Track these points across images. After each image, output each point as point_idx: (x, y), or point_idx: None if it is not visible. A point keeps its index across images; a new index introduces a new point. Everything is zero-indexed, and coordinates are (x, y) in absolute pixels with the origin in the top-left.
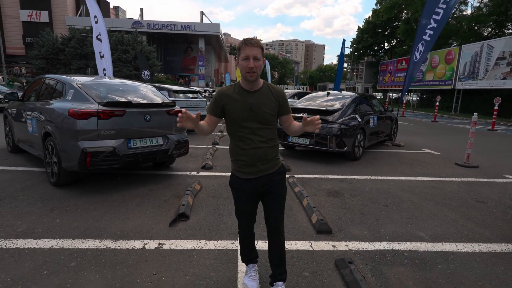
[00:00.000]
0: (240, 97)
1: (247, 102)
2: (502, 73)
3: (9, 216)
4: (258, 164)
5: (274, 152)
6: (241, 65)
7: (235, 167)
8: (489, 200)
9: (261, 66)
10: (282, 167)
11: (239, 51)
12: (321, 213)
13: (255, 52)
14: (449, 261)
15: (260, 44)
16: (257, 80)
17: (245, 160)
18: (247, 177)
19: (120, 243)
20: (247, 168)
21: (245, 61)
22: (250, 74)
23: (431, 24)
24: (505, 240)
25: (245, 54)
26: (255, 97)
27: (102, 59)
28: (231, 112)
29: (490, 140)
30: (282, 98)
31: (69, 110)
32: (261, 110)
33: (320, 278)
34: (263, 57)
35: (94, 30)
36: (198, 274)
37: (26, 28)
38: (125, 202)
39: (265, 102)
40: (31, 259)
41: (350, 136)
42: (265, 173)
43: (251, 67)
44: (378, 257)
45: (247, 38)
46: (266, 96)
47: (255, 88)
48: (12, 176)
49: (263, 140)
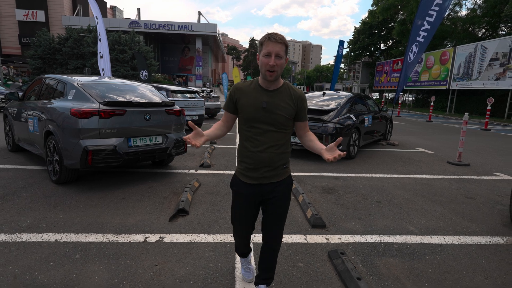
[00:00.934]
0: (255, 94)
1: (261, 100)
2: (496, 73)
3: (13, 212)
4: (263, 170)
5: (282, 160)
6: (261, 62)
7: (239, 169)
8: (477, 196)
9: (283, 65)
10: (290, 178)
11: (261, 46)
12: (316, 209)
13: (278, 48)
14: (436, 252)
15: (285, 41)
16: (277, 80)
17: (250, 163)
18: (249, 181)
19: (122, 237)
20: (250, 172)
21: (267, 57)
22: (270, 73)
23: (424, 26)
24: (490, 233)
25: (267, 50)
26: (270, 96)
27: (101, 59)
28: (242, 108)
29: (482, 139)
30: (301, 103)
31: (71, 109)
32: (274, 111)
33: (314, 268)
34: (286, 55)
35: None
36: (197, 265)
37: (22, 28)
38: (125, 198)
39: (280, 104)
40: (37, 251)
41: (345, 135)
42: (269, 181)
43: (272, 65)
44: (369, 249)
45: (271, 33)
46: (283, 97)
47: (273, 87)
48: (14, 174)
49: (271, 145)
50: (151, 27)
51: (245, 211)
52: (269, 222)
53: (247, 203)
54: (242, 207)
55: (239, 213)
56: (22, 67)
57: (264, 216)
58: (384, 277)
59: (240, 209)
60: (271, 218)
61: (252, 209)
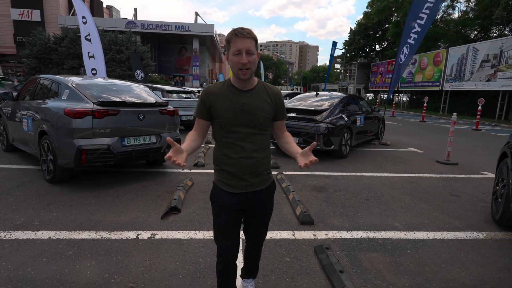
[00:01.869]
0: (230, 96)
1: (239, 102)
2: (487, 75)
3: (7, 210)
4: (247, 177)
5: (265, 164)
6: (232, 61)
7: (219, 177)
8: (463, 194)
9: (256, 61)
10: (273, 183)
11: (229, 44)
12: (305, 206)
13: (248, 44)
14: (418, 247)
15: (253, 35)
16: (251, 78)
17: (233, 172)
18: (232, 190)
19: (115, 234)
20: (234, 181)
21: (237, 56)
22: (244, 72)
23: (415, 28)
24: (471, 229)
25: (236, 48)
26: (248, 97)
27: (91, 59)
28: (219, 113)
29: (472, 139)
30: (279, 100)
31: (64, 109)
32: (254, 112)
33: (300, 263)
34: (257, 50)
35: (82, 30)
36: (187, 260)
37: (17, 27)
38: (119, 197)
39: (259, 103)
40: (30, 248)
41: (337, 135)
42: (254, 189)
43: (244, 62)
44: (354, 244)
45: (237, 28)
46: (261, 96)
47: (249, 87)
48: (8, 173)
49: (255, 149)
50: (148, 27)
51: (232, 223)
52: (253, 230)
53: (232, 213)
54: (228, 218)
55: (225, 226)
56: (17, 67)
57: (248, 225)
58: (366, 270)
59: (226, 221)
60: (256, 226)
61: (237, 219)
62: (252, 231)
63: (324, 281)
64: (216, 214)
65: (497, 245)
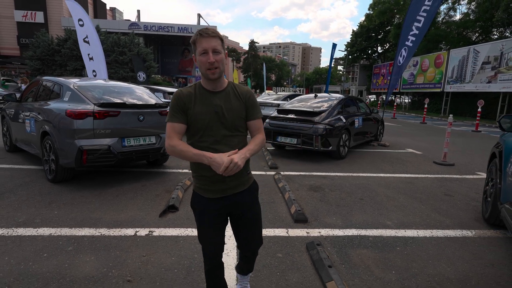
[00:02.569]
0: (202, 99)
1: (211, 104)
2: (487, 76)
3: (10, 208)
4: (227, 180)
5: (245, 166)
6: (199, 62)
7: (198, 184)
8: (456, 193)
9: (223, 60)
10: (255, 183)
11: (195, 45)
12: (300, 205)
13: (213, 43)
14: (407, 244)
15: (218, 34)
16: (221, 79)
17: (210, 176)
18: (213, 196)
19: (114, 231)
20: (213, 186)
21: (204, 55)
22: (212, 71)
23: (413, 30)
24: (460, 227)
25: (202, 48)
26: (220, 99)
27: (91, 61)
28: (194, 117)
29: (471, 140)
30: (248, 100)
31: (66, 110)
32: (227, 114)
33: (291, 258)
34: (224, 50)
35: (78, 33)
36: (183, 256)
37: (21, 29)
38: (119, 196)
39: (231, 105)
40: (31, 244)
41: (335, 136)
42: (235, 191)
43: (212, 61)
44: (345, 241)
45: (201, 29)
46: (231, 97)
47: (219, 88)
48: (11, 173)
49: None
50: (151, 29)
51: (214, 228)
52: (245, 235)
53: (215, 220)
54: (210, 225)
55: (208, 232)
56: (20, 68)
57: (238, 231)
58: (355, 266)
59: (208, 228)
60: (247, 230)
61: (220, 224)
62: (242, 237)
63: (314, 275)
64: (199, 221)
65: (484, 242)
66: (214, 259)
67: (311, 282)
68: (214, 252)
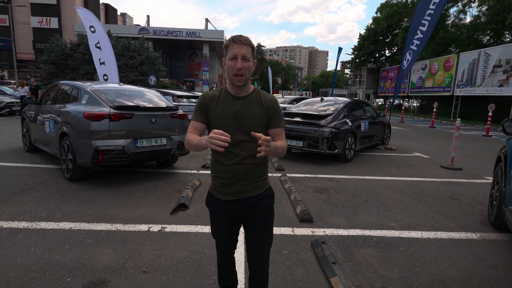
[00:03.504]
0: (225, 102)
1: (232, 108)
2: (499, 80)
3: (32, 204)
4: (240, 183)
5: (260, 171)
6: (227, 66)
7: (213, 185)
8: (462, 197)
9: (251, 68)
10: (270, 189)
11: (226, 49)
12: (306, 206)
13: (244, 51)
14: (411, 244)
15: (250, 42)
16: (246, 85)
17: (225, 178)
18: (226, 198)
19: (128, 226)
20: (227, 188)
21: (233, 61)
22: (238, 78)
23: (418, 34)
24: (465, 230)
25: (233, 53)
26: (241, 104)
27: (102, 66)
28: (215, 118)
29: (481, 145)
30: (271, 108)
31: (84, 112)
32: (246, 120)
33: (297, 255)
34: (254, 58)
35: (90, 39)
36: (194, 250)
37: (36, 34)
38: (132, 194)
39: (252, 111)
40: (54, 237)
41: (341, 139)
42: (248, 195)
43: (239, 67)
44: (350, 240)
45: (235, 35)
46: (254, 104)
47: (243, 94)
48: (31, 172)
49: (246, 156)
50: (160, 33)
51: (224, 229)
52: (253, 240)
53: (226, 221)
54: (221, 225)
55: (219, 231)
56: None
57: (247, 235)
58: (359, 264)
59: (219, 227)
60: (255, 236)
61: (231, 226)
62: (253, 246)
63: (318, 271)
64: (211, 221)
65: (489, 245)
66: (225, 255)
67: (316, 278)
68: (225, 249)
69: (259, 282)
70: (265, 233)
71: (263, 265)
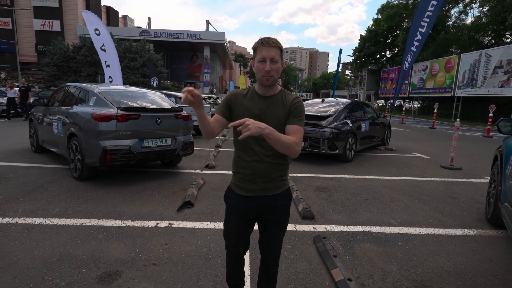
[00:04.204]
0: (250, 101)
1: (256, 107)
2: (500, 81)
3: (43, 201)
4: (259, 181)
5: (280, 171)
6: (256, 68)
7: (233, 180)
8: (461, 196)
9: (279, 70)
10: (289, 190)
11: (255, 52)
12: (307, 203)
13: (272, 53)
14: (409, 240)
15: (279, 45)
16: (274, 86)
17: (245, 174)
18: (244, 194)
19: (137, 223)
20: (246, 184)
21: (261, 63)
22: (266, 78)
23: (417, 36)
24: (463, 226)
25: (262, 56)
26: (266, 104)
27: (108, 68)
28: (237, 115)
29: (481, 145)
30: (293, 107)
31: (92, 113)
32: (268, 119)
33: (299, 250)
34: (282, 59)
35: (95, 42)
36: (200, 245)
37: (39, 37)
38: (138, 193)
39: (275, 111)
40: (67, 232)
41: (342, 139)
42: (265, 194)
43: (268, 70)
44: (350, 236)
45: (264, 38)
46: (278, 104)
47: (270, 94)
48: (40, 171)
49: (267, 154)
50: (161, 35)
51: (239, 225)
52: (267, 238)
53: (242, 217)
54: (236, 221)
55: (233, 228)
56: (38, 74)
57: (261, 234)
58: (358, 257)
59: (233, 223)
60: (269, 234)
61: (246, 223)
62: (265, 243)
63: (320, 264)
64: (227, 215)
65: (485, 240)
66: (235, 255)
67: (317, 270)
68: (236, 248)
69: (270, 278)
70: (280, 233)
71: (276, 262)
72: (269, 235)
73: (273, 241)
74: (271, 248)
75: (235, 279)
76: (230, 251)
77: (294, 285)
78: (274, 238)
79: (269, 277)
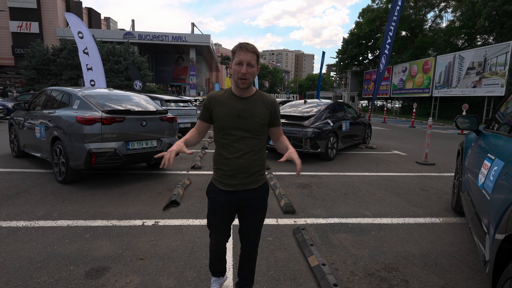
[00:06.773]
0: (229, 102)
1: (235, 107)
2: (473, 81)
3: (28, 205)
4: (240, 176)
5: (259, 166)
6: (233, 70)
7: (215, 176)
8: (432, 189)
9: (255, 73)
10: (266, 184)
11: (234, 54)
12: (289, 199)
13: (249, 57)
14: (381, 229)
15: (256, 50)
16: (250, 88)
17: (226, 170)
18: (226, 188)
19: (124, 222)
20: (227, 179)
21: (238, 66)
22: (242, 81)
23: (388, 39)
24: (430, 215)
25: (239, 59)
26: (244, 104)
27: (89, 71)
28: (217, 117)
29: (455, 142)
30: (273, 108)
31: (76, 117)
32: (249, 118)
33: (280, 241)
34: (258, 64)
35: (79, 45)
36: (186, 240)
37: (16, 39)
38: (125, 194)
39: (254, 110)
40: (53, 233)
41: (323, 139)
42: (246, 188)
43: (244, 73)
44: (327, 227)
45: (243, 43)
46: (256, 103)
47: (246, 95)
48: (23, 176)
49: (248, 151)
50: (145, 38)
51: (221, 218)
52: (247, 229)
53: (224, 211)
54: (218, 214)
55: (215, 220)
56: (15, 78)
57: (241, 224)
58: (334, 246)
59: (216, 216)
60: (248, 225)
61: (228, 215)
62: (245, 232)
63: (298, 253)
64: (210, 209)
65: (449, 227)
66: (218, 244)
67: (296, 258)
68: (218, 238)
69: (249, 262)
70: (258, 223)
71: (255, 248)
72: (249, 226)
73: (252, 231)
74: (251, 238)
75: (217, 267)
76: (213, 240)
77: (273, 272)
78: (253, 228)
79: (249, 260)
